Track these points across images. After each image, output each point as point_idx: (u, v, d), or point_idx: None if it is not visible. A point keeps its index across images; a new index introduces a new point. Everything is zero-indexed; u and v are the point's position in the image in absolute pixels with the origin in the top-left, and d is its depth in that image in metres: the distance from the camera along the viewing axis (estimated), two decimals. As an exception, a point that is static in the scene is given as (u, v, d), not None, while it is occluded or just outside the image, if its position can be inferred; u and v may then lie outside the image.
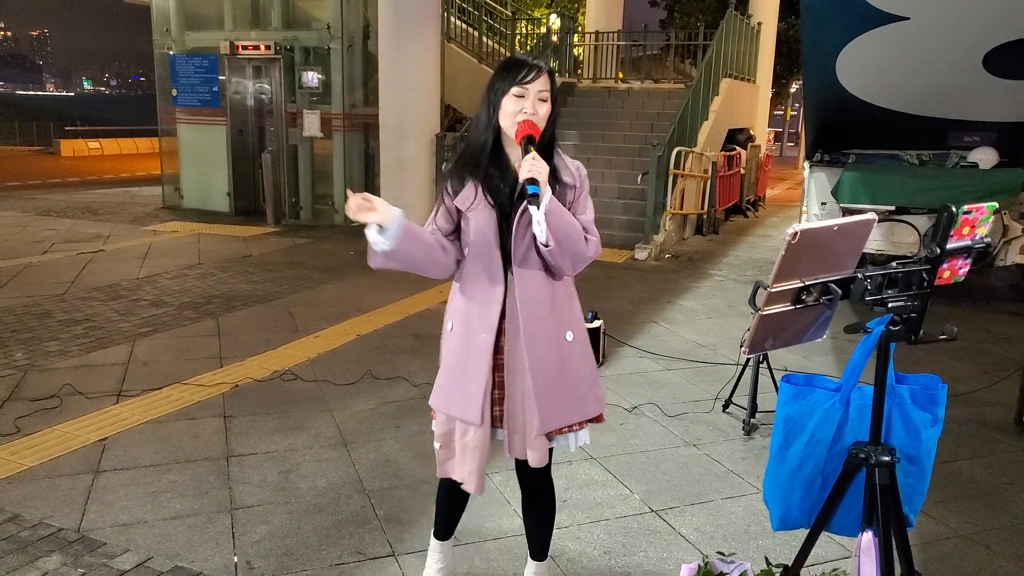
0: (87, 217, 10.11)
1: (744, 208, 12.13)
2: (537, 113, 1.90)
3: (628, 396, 4.13)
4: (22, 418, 3.61)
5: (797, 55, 18.00)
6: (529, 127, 1.87)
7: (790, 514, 1.85)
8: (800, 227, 1.52)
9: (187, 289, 6.29)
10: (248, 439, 3.48)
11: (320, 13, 10.05)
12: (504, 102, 1.90)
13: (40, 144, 26.22)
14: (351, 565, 2.52)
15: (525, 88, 1.89)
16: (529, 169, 1.77)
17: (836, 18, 5.45)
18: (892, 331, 1.66)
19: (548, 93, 1.92)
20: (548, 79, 1.93)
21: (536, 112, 1.90)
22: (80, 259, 7.35)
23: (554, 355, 1.97)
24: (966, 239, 1.67)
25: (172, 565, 2.49)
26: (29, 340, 4.81)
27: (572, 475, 3.20)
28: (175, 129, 11.11)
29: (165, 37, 10.93)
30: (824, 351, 5.03)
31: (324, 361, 4.58)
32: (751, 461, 3.39)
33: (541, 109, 1.91)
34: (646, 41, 14.14)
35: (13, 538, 2.61)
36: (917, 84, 5.92)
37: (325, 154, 10.15)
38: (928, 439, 1.75)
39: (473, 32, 11.79)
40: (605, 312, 5.34)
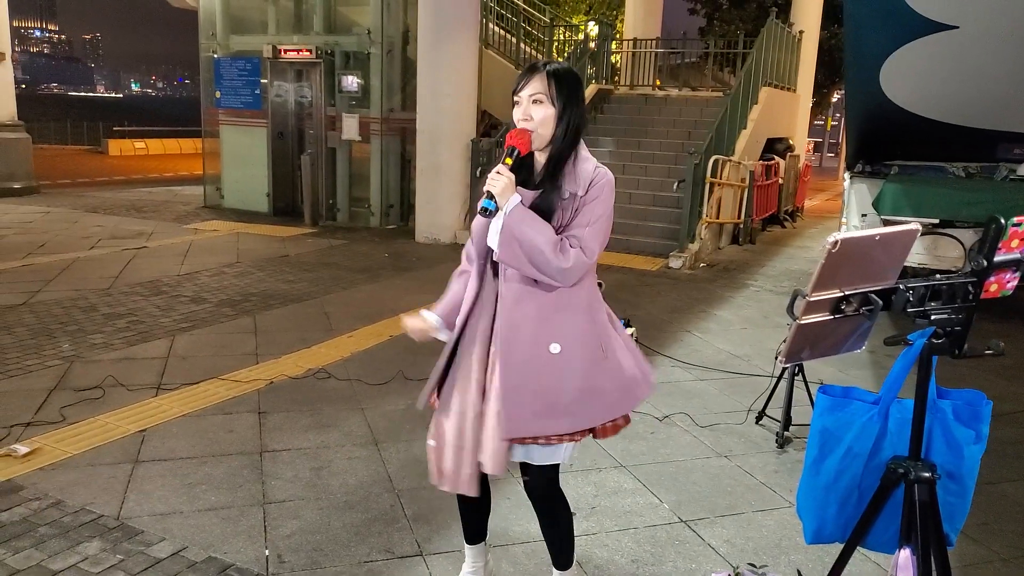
0: (132, 215, 10.40)
1: (782, 218, 11.94)
2: (531, 118, 1.89)
3: (660, 405, 4.10)
4: (67, 407, 3.73)
5: (839, 64, 17.69)
6: (513, 137, 1.89)
7: (824, 528, 1.82)
8: (840, 236, 1.49)
9: (226, 287, 6.42)
10: (281, 435, 3.54)
11: (361, 19, 10.20)
12: (513, 113, 1.96)
13: (90, 144, 27.08)
14: (379, 563, 2.55)
15: (519, 96, 1.92)
16: (489, 181, 1.84)
17: (881, 27, 5.34)
18: (935, 344, 1.62)
19: (544, 95, 1.89)
20: (545, 80, 1.89)
21: (530, 117, 1.90)
22: (125, 255, 7.57)
23: (530, 365, 1.93)
24: (1015, 252, 1.62)
25: (206, 555, 2.54)
26: (75, 332, 4.97)
27: (601, 482, 3.18)
28: (218, 130, 11.37)
29: (211, 41, 11.21)
30: (862, 365, 4.92)
31: (357, 361, 4.64)
32: (784, 474, 3.33)
33: (536, 113, 1.89)
34: (685, 49, 14.04)
35: (56, 523, 2.70)
36: (965, 95, 5.77)
37: (362, 157, 10.29)
38: (971, 456, 1.70)
39: (511, 38, 11.86)
40: (638, 320, 5.30)
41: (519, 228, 1.84)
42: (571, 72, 1.95)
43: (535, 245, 1.83)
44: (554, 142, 1.92)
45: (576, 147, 1.94)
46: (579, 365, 1.95)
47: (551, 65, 1.93)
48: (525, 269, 1.88)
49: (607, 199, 1.93)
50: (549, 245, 1.84)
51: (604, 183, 1.92)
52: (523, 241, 1.84)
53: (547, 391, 1.94)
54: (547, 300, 1.93)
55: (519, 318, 1.94)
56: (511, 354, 1.94)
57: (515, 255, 1.86)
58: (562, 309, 1.95)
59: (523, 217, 1.85)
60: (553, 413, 1.95)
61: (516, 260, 1.87)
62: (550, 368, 1.94)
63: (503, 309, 1.95)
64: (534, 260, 1.85)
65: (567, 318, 1.95)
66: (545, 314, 1.94)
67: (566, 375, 1.95)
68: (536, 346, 1.93)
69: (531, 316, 1.94)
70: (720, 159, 8.82)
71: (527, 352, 1.94)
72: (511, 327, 1.94)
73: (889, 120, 6.13)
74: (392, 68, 10.04)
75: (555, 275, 1.86)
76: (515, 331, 1.94)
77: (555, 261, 1.84)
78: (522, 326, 1.93)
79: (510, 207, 1.85)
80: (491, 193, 1.82)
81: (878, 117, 6.18)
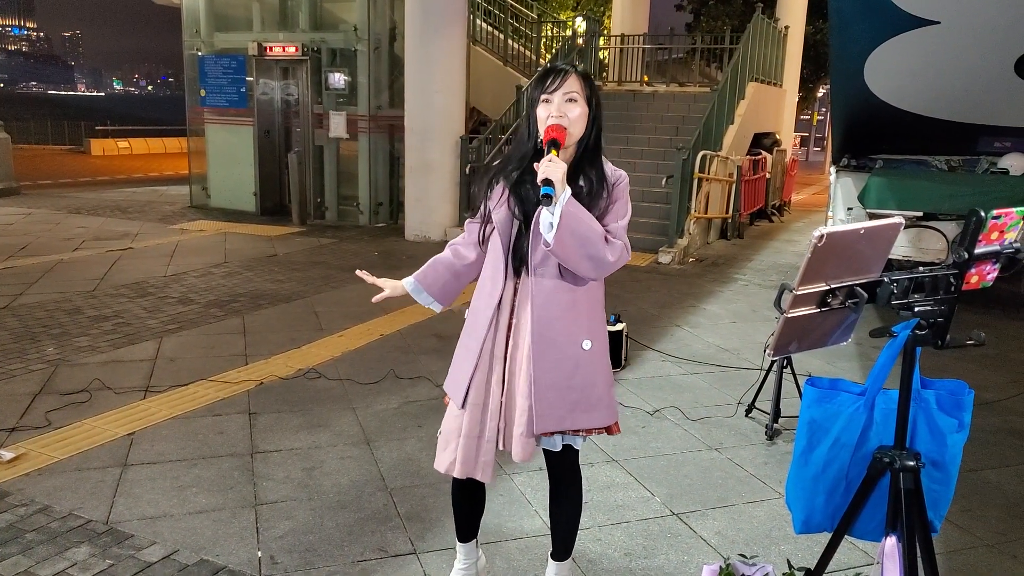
0: (116, 215, 10.31)
1: (769, 213, 12.01)
2: (566, 115, 1.90)
3: (650, 399, 4.12)
4: (53, 411, 3.69)
5: (825, 59, 17.79)
6: (554, 131, 1.88)
7: (813, 517, 1.84)
8: (826, 230, 1.51)
9: (213, 287, 6.39)
10: (272, 436, 3.53)
11: (347, 15, 10.15)
12: (537, 111, 1.95)
13: (71, 143, 26.74)
14: (373, 562, 2.55)
15: (551, 95, 1.92)
16: (544, 170, 1.79)
17: (865, 22, 5.39)
18: (918, 335, 1.64)
19: (579, 94, 1.92)
20: (579, 80, 1.93)
21: (564, 114, 1.90)
22: (109, 256, 7.50)
23: (566, 361, 1.97)
24: (995, 244, 1.65)
25: (197, 558, 2.53)
26: (60, 335, 4.92)
27: (594, 477, 3.20)
28: (203, 129, 11.28)
29: (195, 38, 11.11)
30: (849, 357, 4.97)
31: (348, 360, 4.63)
32: (773, 466, 3.36)
33: (571, 111, 1.91)
34: (672, 44, 14.08)
35: (43, 529, 2.68)
36: (947, 89, 5.84)
37: (350, 155, 10.25)
38: (954, 444, 1.73)
39: (499, 35, 11.84)
40: (628, 315, 5.33)
41: (576, 219, 1.83)
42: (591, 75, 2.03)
43: (590, 237, 1.84)
44: (584, 141, 1.96)
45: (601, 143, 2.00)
46: (604, 359, 2.04)
47: (579, 66, 2.00)
48: (573, 260, 1.87)
49: (627, 198, 2.01)
50: (600, 238, 1.86)
51: (625, 183, 2.00)
52: (580, 233, 1.83)
53: (582, 386, 1.99)
54: (579, 296, 1.97)
55: (553, 315, 1.95)
56: (546, 351, 1.96)
57: (570, 247, 1.83)
58: (591, 305, 2.01)
59: (578, 209, 1.84)
60: (587, 407, 2.01)
61: (569, 251, 1.85)
62: (584, 364, 1.98)
63: (535, 307, 1.95)
64: (588, 252, 1.85)
65: (595, 314, 2.02)
66: (578, 311, 1.97)
67: (596, 369, 2.01)
68: (571, 344, 1.97)
69: (564, 313, 1.96)
70: (708, 154, 8.86)
71: (562, 349, 1.96)
72: (545, 324, 1.95)
73: (874, 114, 6.18)
74: (379, 65, 10.00)
75: (601, 267, 1.89)
76: (549, 328, 1.95)
77: (606, 254, 1.87)
78: (556, 323, 1.96)
79: (566, 197, 1.82)
80: (550, 180, 1.78)
81: (863, 111, 6.23)
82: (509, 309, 2.00)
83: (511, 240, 1.98)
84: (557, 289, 1.95)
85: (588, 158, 1.96)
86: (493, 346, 2.02)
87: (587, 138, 1.96)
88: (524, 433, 1.99)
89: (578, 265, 1.88)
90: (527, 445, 2.00)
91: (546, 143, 1.88)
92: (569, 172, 1.91)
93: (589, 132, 1.96)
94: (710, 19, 20.90)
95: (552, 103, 1.92)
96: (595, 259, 1.87)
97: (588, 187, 1.93)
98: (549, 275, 1.95)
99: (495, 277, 2.01)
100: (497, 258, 2.01)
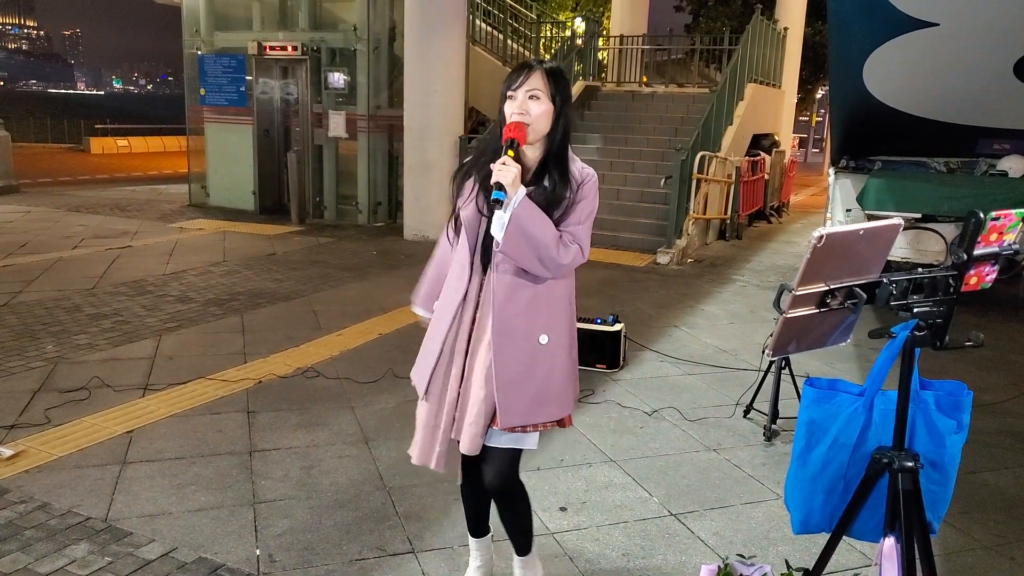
0: (116, 214, 10.30)
1: (768, 214, 12.02)
2: (528, 113, 1.91)
3: (648, 400, 4.13)
4: (52, 409, 3.69)
5: (824, 60, 17.81)
6: (512, 130, 1.89)
7: (811, 518, 1.85)
8: (826, 231, 1.52)
9: (212, 286, 6.38)
10: (271, 434, 3.53)
11: (347, 15, 10.15)
12: (504, 107, 1.96)
13: (71, 142, 26.73)
14: (371, 561, 2.55)
15: (514, 92, 1.93)
16: (496, 173, 1.82)
17: (864, 23, 5.40)
18: (917, 336, 1.65)
19: (542, 91, 1.91)
20: (544, 77, 1.92)
21: (527, 112, 1.91)
22: (108, 255, 7.50)
23: (524, 356, 1.99)
24: (993, 245, 1.65)
25: (196, 556, 2.53)
26: (59, 333, 4.92)
27: (592, 477, 3.20)
28: (203, 128, 11.28)
29: (195, 37, 11.11)
30: (847, 358, 4.98)
31: (346, 359, 4.63)
32: (771, 467, 3.37)
33: (534, 108, 1.91)
34: (671, 45, 14.08)
35: (42, 526, 2.68)
36: (946, 91, 5.85)
37: (350, 154, 10.25)
38: (952, 445, 1.73)
39: (498, 35, 11.84)
40: (626, 316, 5.33)
41: (526, 221, 1.85)
42: (563, 71, 2.01)
43: (541, 239, 1.87)
44: (550, 139, 1.96)
45: (568, 141, 2.00)
46: (562, 354, 2.05)
47: (547, 63, 1.98)
48: (525, 261, 1.91)
49: (594, 198, 1.98)
50: (553, 240, 1.88)
51: (591, 183, 1.98)
52: (529, 234, 1.86)
53: (539, 380, 2.00)
54: (538, 292, 1.98)
55: (513, 311, 1.97)
56: (506, 346, 1.97)
57: (519, 247, 1.88)
58: (551, 301, 2.01)
59: (530, 210, 1.87)
60: (544, 401, 2.02)
61: (519, 252, 1.89)
62: (541, 358, 2.00)
63: (496, 302, 1.97)
64: (538, 253, 1.88)
65: (554, 310, 2.02)
66: (536, 306, 1.99)
67: (555, 364, 2.02)
68: (528, 338, 1.99)
69: (523, 309, 1.98)
70: (707, 155, 8.87)
71: (521, 344, 1.98)
72: (505, 320, 1.97)
73: (872, 116, 6.19)
74: (379, 65, 10.00)
75: (553, 269, 1.91)
76: (509, 323, 1.97)
77: (556, 255, 1.89)
78: (515, 319, 1.97)
79: (517, 199, 1.85)
80: (501, 184, 1.81)
81: (862, 113, 6.24)
82: (474, 305, 2.03)
83: (478, 237, 2.00)
84: (517, 286, 1.97)
85: (553, 157, 1.96)
86: (456, 340, 2.05)
87: (553, 136, 1.96)
88: (473, 424, 2.02)
89: (529, 265, 1.92)
90: (475, 438, 2.03)
91: (505, 142, 1.89)
92: (536, 170, 1.95)
93: (555, 130, 1.95)
94: (709, 20, 20.93)
95: (516, 100, 1.92)
96: (545, 260, 1.89)
97: (551, 186, 1.94)
98: (510, 272, 1.97)
99: (461, 274, 2.03)
100: (464, 254, 2.03)
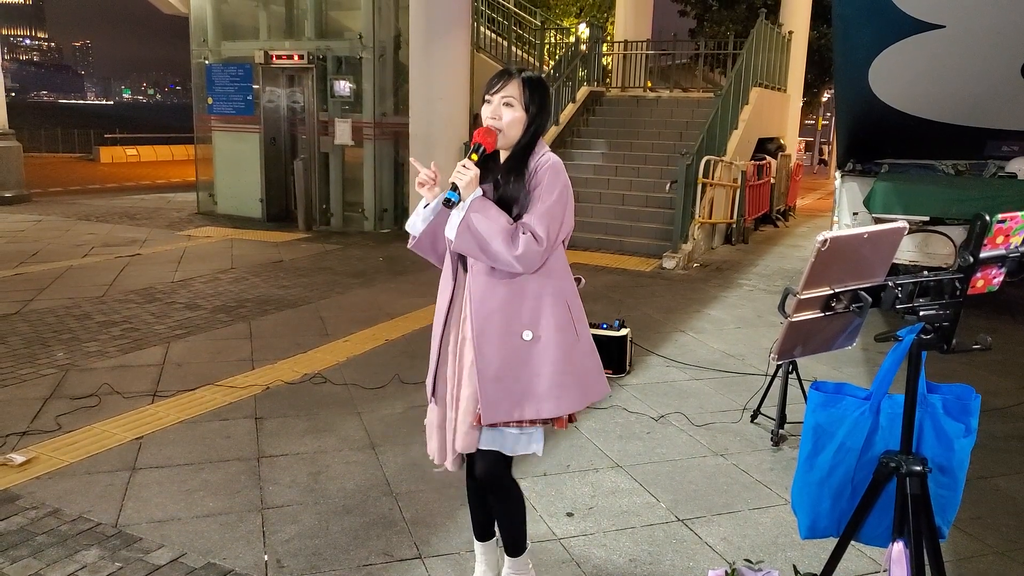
0: (125, 222, 10.37)
1: (774, 218, 11.99)
2: (500, 118, 1.99)
3: (655, 405, 4.12)
4: (63, 415, 3.72)
5: (829, 64, 17.78)
6: (479, 134, 1.98)
7: (818, 523, 1.84)
8: (830, 234, 1.52)
9: (220, 293, 6.42)
10: (279, 440, 3.54)
11: (352, 23, 10.22)
12: (482, 111, 2.04)
13: (81, 151, 26.92)
14: (378, 566, 2.56)
15: (491, 96, 2.01)
16: (454, 175, 1.92)
17: (869, 26, 5.39)
18: (924, 340, 1.64)
19: (516, 99, 1.99)
20: (520, 85, 1.99)
21: (499, 117, 1.99)
22: (118, 263, 7.55)
23: (504, 352, 2.00)
24: (1000, 248, 1.65)
25: (205, 561, 2.55)
26: (70, 340, 4.96)
27: (598, 482, 3.20)
28: (210, 136, 11.35)
29: (202, 47, 11.19)
30: (854, 362, 4.96)
31: (353, 365, 4.64)
32: (779, 472, 3.36)
33: (506, 115, 1.99)
34: (675, 50, 14.09)
35: (54, 532, 2.69)
36: (953, 93, 5.83)
37: (356, 162, 10.29)
38: (961, 449, 1.73)
39: (502, 42, 11.88)
40: (632, 320, 5.32)
41: (476, 219, 1.92)
42: (543, 81, 2.07)
43: (488, 235, 1.91)
44: (518, 143, 2.03)
45: (535, 145, 2.04)
46: (555, 352, 2.02)
47: (526, 72, 2.03)
48: (479, 258, 1.97)
49: (552, 182, 1.96)
50: (501, 234, 1.91)
51: (547, 167, 1.98)
52: (476, 231, 1.92)
53: (523, 377, 2.02)
54: (514, 289, 2.00)
55: (489, 308, 2.01)
56: (484, 344, 2.01)
57: (468, 244, 1.95)
58: (532, 297, 2.01)
59: (481, 208, 1.93)
60: (530, 398, 2.02)
61: (470, 249, 1.96)
62: (526, 355, 2.01)
63: (472, 300, 2.02)
64: (486, 249, 1.92)
65: (538, 306, 2.01)
66: (514, 303, 2.00)
67: (544, 360, 2.01)
68: (508, 335, 2.00)
69: (500, 305, 2.00)
70: (712, 159, 8.86)
71: (500, 341, 2.01)
72: (482, 317, 2.01)
73: (879, 119, 6.18)
74: (384, 72, 10.05)
75: (510, 262, 1.93)
76: (486, 321, 2.01)
77: (506, 250, 1.91)
78: (492, 316, 2.01)
79: (471, 199, 1.93)
80: (455, 185, 1.91)
81: (868, 116, 6.23)
82: (460, 305, 2.10)
83: None
84: (492, 283, 2.00)
85: (514, 160, 2.03)
86: (449, 341, 2.13)
87: (522, 140, 2.02)
88: (463, 423, 2.07)
89: (483, 260, 1.97)
90: (469, 436, 2.07)
91: (472, 145, 1.98)
92: (503, 168, 2.03)
93: (527, 136, 2.02)
94: (713, 24, 20.93)
95: (491, 104, 2.00)
96: (497, 254, 1.92)
97: (505, 187, 2.01)
98: (483, 270, 2.01)
99: (446, 275, 2.13)
100: (447, 257, 2.13)
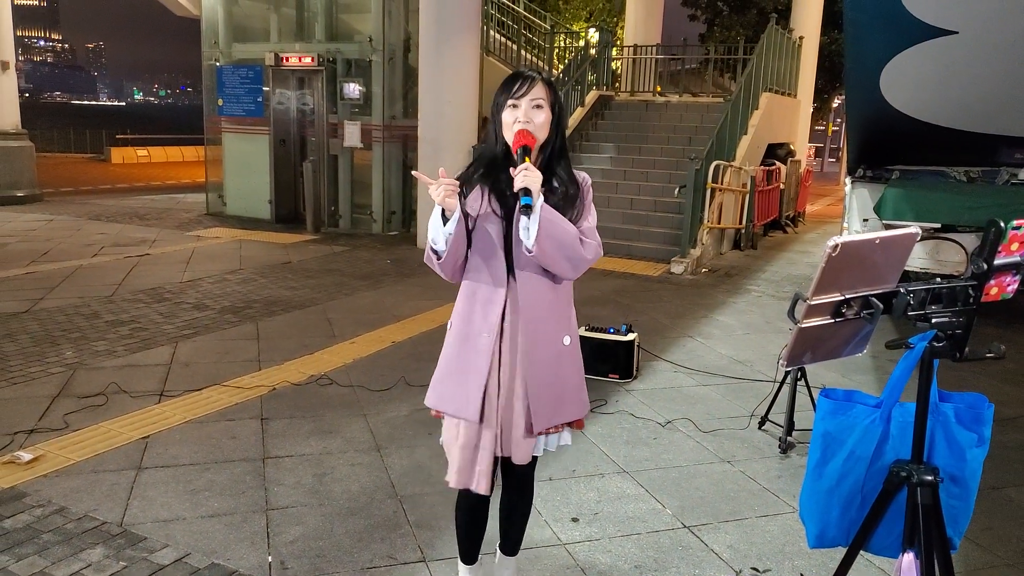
0: (135, 222, 10.43)
1: (783, 223, 11.94)
2: (532, 121, 1.95)
3: (662, 411, 4.10)
4: (70, 414, 3.73)
5: (840, 69, 17.72)
6: (524, 136, 1.92)
7: (827, 532, 1.81)
8: (841, 239, 1.50)
9: (228, 293, 6.44)
10: (284, 441, 3.54)
11: (362, 26, 10.25)
12: (503, 115, 1.98)
13: (92, 151, 27.13)
14: (382, 569, 2.55)
15: (518, 100, 1.96)
16: (522, 179, 1.84)
17: (881, 32, 5.35)
18: (936, 347, 1.62)
19: (544, 100, 1.96)
20: (544, 87, 1.97)
21: (531, 120, 1.95)
22: (127, 262, 7.59)
23: (552, 358, 2.03)
24: (1015, 255, 1.63)
25: (209, 562, 2.54)
26: (79, 339, 4.98)
27: (604, 488, 3.18)
28: (220, 138, 11.41)
29: (213, 49, 11.26)
30: (864, 370, 4.92)
31: (359, 367, 4.64)
32: (787, 480, 3.33)
33: (537, 117, 1.95)
34: (685, 55, 14.07)
35: (59, 530, 2.70)
36: (966, 99, 5.78)
37: (364, 164, 10.32)
38: (973, 459, 1.70)
39: (512, 45, 11.89)
40: (640, 325, 5.30)
41: (553, 224, 1.88)
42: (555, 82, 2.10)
43: (566, 240, 1.90)
44: (549, 145, 2.01)
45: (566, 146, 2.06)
46: (578, 354, 2.12)
47: (543, 73, 2.04)
48: (556, 264, 1.94)
49: (591, 198, 2.07)
50: (576, 239, 1.93)
51: (589, 186, 2.06)
52: (556, 236, 1.89)
53: (563, 382, 2.05)
54: (559, 295, 2.04)
55: (540, 315, 2.00)
56: (536, 351, 2.00)
57: (549, 250, 1.90)
58: (567, 303, 2.08)
59: (552, 214, 1.90)
60: (565, 401, 2.07)
61: (551, 256, 1.91)
62: (565, 359, 2.06)
63: (525, 308, 1.99)
64: (567, 253, 1.92)
65: (570, 311, 2.10)
66: (559, 308, 2.04)
67: (573, 364, 2.09)
68: (555, 341, 2.04)
69: (548, 312, 2.02)
70: (721, 164, 8.83)
71: (549, 347, 2.02)
72: (534, 323, 2.00)
73: (890, 125, 6.13)
74: (394, 75, 10.08)
75: (580, 266, 1.95)
76: (538, 327, 2.00)
77: (583, 254, 1.94)
78: (542, 322, 2.01)
79: (541, 202, 1.87)
80: (528, 189, 1.83)
81: (879, 122, 6.18)
82: (498, 313, 2.02)
83: (502, 243, 1.99)
84: (541, 290, 2.00)
85: (558, 162, 2.02)
86: (479, 351, 2.01)
87: (552, 143, 2.01)
88: (524, 435, 2.04)
89: (559, 267, 1.95)
90: (527, 447, 2.06)
91: (517, 149, 1.90)
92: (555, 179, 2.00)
93: (553, 137, 2.01)
94: (724, 29, 20.90)
95: (520, 108, 1.96)
96: (574, 259, 1.94)
97: (563, 191, 1.98)
98: (533, 277, 1.99)
99: (492, 283, 1.99)
100: (489, 264, 1.99)
